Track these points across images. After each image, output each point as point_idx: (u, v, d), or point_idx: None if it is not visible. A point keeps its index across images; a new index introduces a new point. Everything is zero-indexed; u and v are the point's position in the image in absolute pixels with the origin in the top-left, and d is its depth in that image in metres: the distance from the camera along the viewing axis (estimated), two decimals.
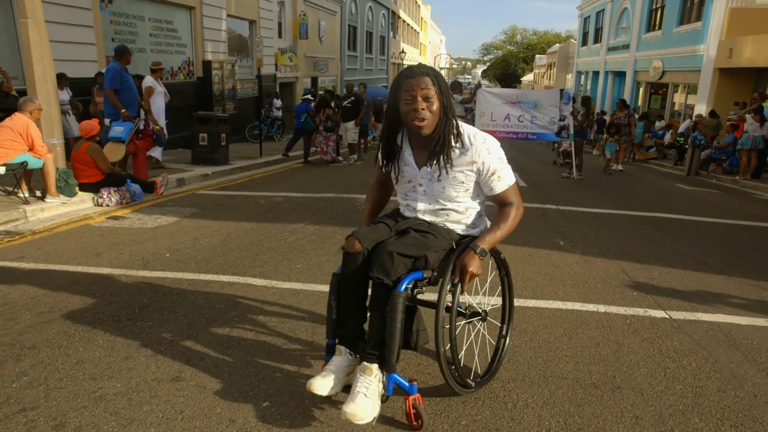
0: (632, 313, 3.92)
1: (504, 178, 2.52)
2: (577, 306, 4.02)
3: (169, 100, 10.07)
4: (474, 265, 2.41)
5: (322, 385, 2.39)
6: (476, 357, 2.95)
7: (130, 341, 3.19)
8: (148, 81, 9.50)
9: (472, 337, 3.01)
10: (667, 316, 3.89)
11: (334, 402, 2.62)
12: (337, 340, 2.57)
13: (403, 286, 2.38)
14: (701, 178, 13.15)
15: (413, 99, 2.36)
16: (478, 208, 2.63)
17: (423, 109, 2.36)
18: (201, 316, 3.59)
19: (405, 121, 2.43)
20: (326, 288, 4.12)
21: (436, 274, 2.54)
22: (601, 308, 3.99)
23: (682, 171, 14.05)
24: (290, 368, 2.94)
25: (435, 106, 2.38)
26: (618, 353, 3.27)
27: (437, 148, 2.44)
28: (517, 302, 4.01)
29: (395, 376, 2.38)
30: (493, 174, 2.49)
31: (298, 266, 4.71)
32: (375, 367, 2.38)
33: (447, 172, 2.48)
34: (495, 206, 2.61)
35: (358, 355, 2.50)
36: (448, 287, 2.44)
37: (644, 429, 2.50)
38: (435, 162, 2.47)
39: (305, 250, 5.19)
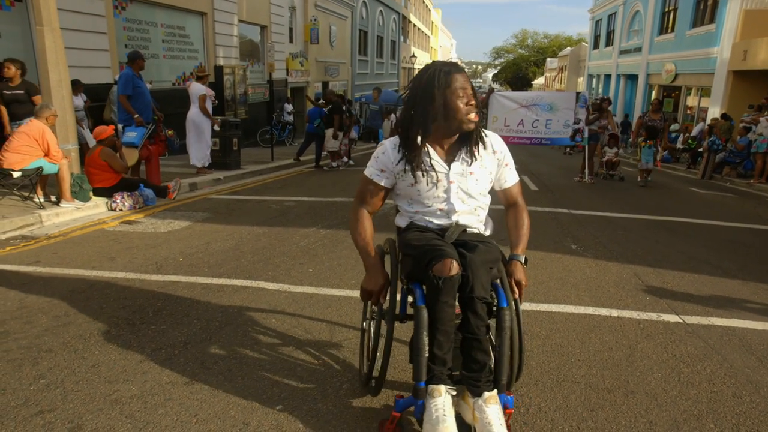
0: (645, 318, 3.89)
1: (514, 171, 2.58)
2: (589, 310, 4.00)
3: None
4: (525, 277, 2.44)
5: None
6: None
7: (144, 345, 3.22)
8: (200, 89, 9.64)
9: None
10: (680, 321, 3.87)
11: (346, 405, 2.63)
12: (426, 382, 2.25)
13: (505, 301, 2.29)
14: (715, 182, 13.03)
15: (465, 93, 2.31)
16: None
17: (473, 104, 2.33)
18: (214, 319, 3.61)
19: (458, 116, 2.31)
20: (338, 292, 4.17)
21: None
22: (614, 312, 3.97)
23: (696, 174, 13.93)
24: (303, 372, 2.96)
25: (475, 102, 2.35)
26: (631, 358, 3.25)
27: (470, 141, 2.40)
28: (530, 306, 4.01)
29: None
30: (507, 165, 2.54)
31: (310, 270, 4.73)
32: (496, 392, 2.24)
33: (480, 164, 2.43)
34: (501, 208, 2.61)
35: (454, 387, 2.29)
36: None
37: None
38: (467, 155, 2.41)
39: (317, 254, 5.21)
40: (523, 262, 2.46)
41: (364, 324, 2.89)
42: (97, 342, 3.24)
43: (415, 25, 48.04)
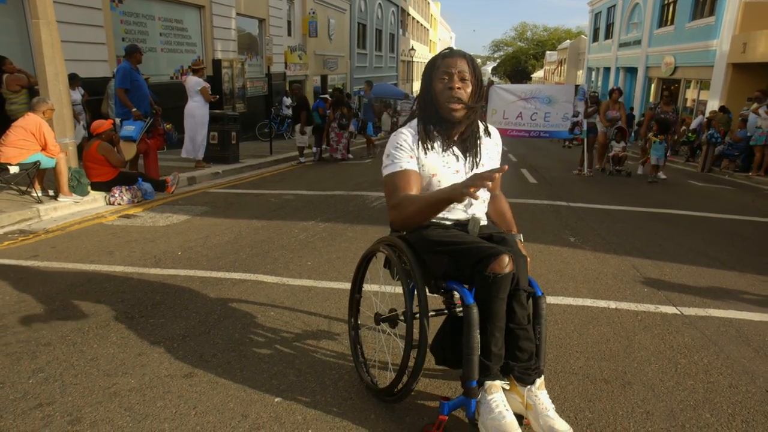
0: (643, 309, 3.91)
1: None
2: (587, 302, 4.01)
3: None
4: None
5: None
6: None
7: (143, 338, 3.23)
8: (198, 82, 9.63)
9: None
10: (678, 312, 3.88)
11: (345, 397, 2.64)
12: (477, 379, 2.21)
13: (540, 291, 2.36)
14: (714, 175, 13.05)
15: (450, 77, 2.29)
16: None
17: (459, 88, 2.28)
18: (213, 312, 3.62)
19: (438, 101, 2.33)
20: (337, 285, 4.17)
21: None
22: (612, 304, 3.98)
23: (695, 167, 13.94)
24: (302, 364, 2.96)
25: (469, 90, 2.31)
26: (629, 349, 3.26)
27: (474, 134, 2.42)
28: None
29: None
30: (501, 158, 2.61)
31: (309, 263, 4.74)
32: (543, 378, 2.29)
33: (488, 155, 2.48)
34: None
35: (507, 381, 2.28)
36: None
37: (655, 424, 2.50)
38: (475, 145, 2.43)
39: (316, 248, 5.22)
40: (522, 240, 2.56)
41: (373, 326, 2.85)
42: (96, 335, 3.24)
43: (414, 18, 47.88)
